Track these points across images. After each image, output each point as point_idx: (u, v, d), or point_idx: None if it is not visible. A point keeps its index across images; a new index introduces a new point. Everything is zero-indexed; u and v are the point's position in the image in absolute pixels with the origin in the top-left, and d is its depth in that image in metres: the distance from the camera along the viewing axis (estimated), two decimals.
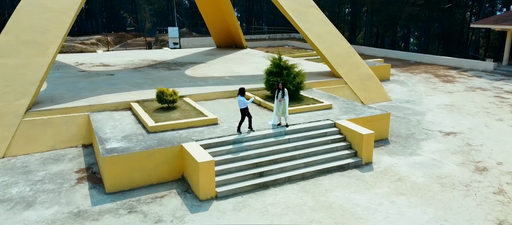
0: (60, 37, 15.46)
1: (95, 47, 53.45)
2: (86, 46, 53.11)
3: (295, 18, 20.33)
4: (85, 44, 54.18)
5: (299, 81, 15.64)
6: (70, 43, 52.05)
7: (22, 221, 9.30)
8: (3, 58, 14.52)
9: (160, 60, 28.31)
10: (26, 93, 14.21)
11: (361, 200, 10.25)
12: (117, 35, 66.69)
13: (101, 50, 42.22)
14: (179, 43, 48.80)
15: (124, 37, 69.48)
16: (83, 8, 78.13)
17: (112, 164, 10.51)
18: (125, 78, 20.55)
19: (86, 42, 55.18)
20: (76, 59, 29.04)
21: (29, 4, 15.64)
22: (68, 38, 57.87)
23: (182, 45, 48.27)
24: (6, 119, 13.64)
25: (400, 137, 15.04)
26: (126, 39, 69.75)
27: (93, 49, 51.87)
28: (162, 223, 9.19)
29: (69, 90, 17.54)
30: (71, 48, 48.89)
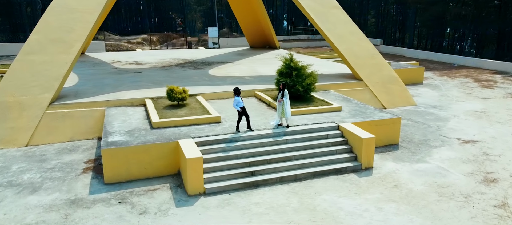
0: (84, 35, 16.50)
1: (140, 46, 56.07)
2: (132, 45, 55.83)
3: (315, 18, 20.12)
4: (131, 43, 56.98)
5: (309, 82, 15.50)
6: (118, 42, 54.99)
7: (24, 204, 10.13)
8: (32, 55, 15.79)
9: (190, 59, 29.17)
10: (50, 88, 15.35)
11: (348, 204, 10.03)
12: (163, 35, 69.35)
13: (140, 49, 44.04)
14: (218, 43, 49.88)
15: (170, 36, 72.09)
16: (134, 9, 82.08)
17: (110, 156, 11.13)
18: (150, 76, 21.46)
19: (132, 41, 58.01)
20: (114, 57, 30.67)
21: (58, 5, 16.86)
22: (117, 38, 61.24)
23: (221, 45, 49.28)
24: (31, 111, 14.84)
25: (412, 143, 14.43)
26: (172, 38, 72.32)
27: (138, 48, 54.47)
28: (146, 215, 9.61)
29: (95, 86, 18.67)
30: (118, 47, 51.64)
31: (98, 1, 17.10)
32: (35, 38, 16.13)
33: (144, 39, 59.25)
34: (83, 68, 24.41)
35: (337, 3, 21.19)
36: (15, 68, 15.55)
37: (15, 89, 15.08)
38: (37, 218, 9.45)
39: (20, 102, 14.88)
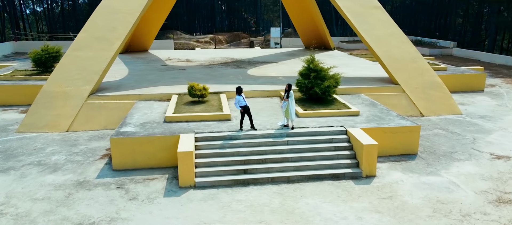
0: (124, 34, 18.02)
1: (207, 45, 58.64)
2: (200, 43, 58.66)
3: (352, 19, 19.49)
4: (199, 42, 59.89)
5: (327, 84, 15.17)
6: (187, 41, 58.20)
7: (40, 182, 11.54)
8: (78, 51, 17.69)
9: (239, 58, 29.95)
10: (90, 80, 17.08)
11: (328, 211, 9.77)
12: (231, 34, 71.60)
13: (200, 47, 46.01)
14: (280, 43, 50.23)
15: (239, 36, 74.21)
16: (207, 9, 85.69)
17: (118, 145, 12.15)
18: (191, 73, 22.59)
19: (200, 40, 60.93)
20: (172, 54, 32.66)
21: (104, 6, 18.62)
22: (187, 37, 64.77)
23: (283, 45, 49.57)
24: (73, 100, 16.66)
25: (433, 155, 13.41)
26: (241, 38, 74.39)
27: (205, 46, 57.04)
28: (134, 201, 10.37)
29: (137, 81, 20.25)
30: (186, 45, 54.66)
31: (139, 3, 18.51)
32: (83, 36, 18.03)
33: (212, 38, 61.79)
34: (137, 64, 26.47)
35: (378, 3, 20.27)
36: (64, 62, 17.56)
37: (62, 81, 17.05)
38: (45, 194, 10.74)
39: (65, 92, 16.79)
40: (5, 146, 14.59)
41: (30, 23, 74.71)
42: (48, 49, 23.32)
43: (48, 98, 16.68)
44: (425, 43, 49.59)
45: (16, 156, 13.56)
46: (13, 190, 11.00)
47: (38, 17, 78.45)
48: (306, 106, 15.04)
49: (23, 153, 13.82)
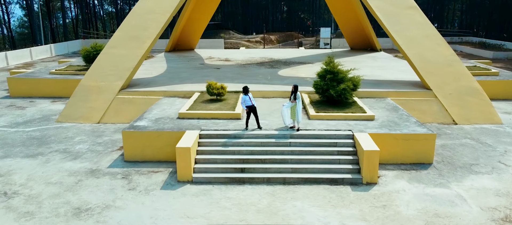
0: (156, 33, 18.97)
1: (257, 44, 59.28)
2: (250, 43, 59.48)
3: (383, 19, 18.71)
4: (250, 41, 60.73)
5: (343, 87, 14.77)
6: (238, 41, 59.34)
7: (60, 167, 12.64)
8: (113, 48, 18.97)
9: (278, 58, 30.02)
10: (122, 76, 18.24)
11: (313, 215, 9.61)
12: (284, 34, 71.65)
13: (245, 47, 46.54)
14: (329, 44, 49.41)
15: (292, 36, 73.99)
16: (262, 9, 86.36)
17: (129, 138, 12.91)
18: (224, 72, 23.13)
19: (251, 40, 61.74)
20: (212, 53, 33.60)
21: (139, 7, 19.74)
22: (239, 36, 65.93)
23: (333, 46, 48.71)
24: (105, 95, 17.91)
25: (450, 165, 12.53)
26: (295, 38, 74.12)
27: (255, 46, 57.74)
28: (132, 191, 10.98)
29: (169, 78, 21.21)
30: (235, 44, 55.75)
31: (171, 4, 19.37)
32: (118, 34, 19.29)
33: (262, 38, 62.34)
34: (178, 62, 27.64)
35: (414, 4, 19.23)
36: (100, 59, 18.94)
37: (97, 76, 18.40)
38: (58, 179, 11.75)
39: (99, 87, 18.11)
40: (42, 134, 16.12)
41: (104, 23, 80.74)
42: (96, 47, 25.20)
43: (84, 91, 18.10)
44: (489, 46, 45.92)
45: (47, 143, 14.94)
46: (34, 174, 12.18)
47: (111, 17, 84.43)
48: (320, 108, 14.79)
49: (54, 141, 15.18)
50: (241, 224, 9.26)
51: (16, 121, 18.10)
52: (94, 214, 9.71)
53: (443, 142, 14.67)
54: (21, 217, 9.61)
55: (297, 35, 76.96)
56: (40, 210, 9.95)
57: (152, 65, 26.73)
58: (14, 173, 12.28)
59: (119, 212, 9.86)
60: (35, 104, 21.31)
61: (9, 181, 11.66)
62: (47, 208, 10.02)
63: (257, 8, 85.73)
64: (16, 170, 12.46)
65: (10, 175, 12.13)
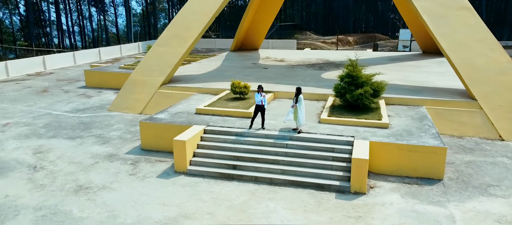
0: (197, 33, 20.12)
1: (332, 45, 58.07)
2: (325, 44, 58.61)
3: (428, 21, 17.27)
4: (325, 43, 59.87)
5: (360, 92, 14.12)
6: (311, 42, 58.91)
7: (87, 150, 14.35)
8: (160, 46, 20.62)
9: (333, 60, 29.34)
10: (164, 72, 19.76)
11: (281, 217, 9.59)
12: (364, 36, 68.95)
13: (310, 48, 45.83)
14: (409, 46, 46.48)
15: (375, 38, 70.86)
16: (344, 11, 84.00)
17: (145, 128, 14.12)
18: (267, 72, 23.50)
19: (327, 41, 60.81)
20: (270, 54, 34.03)
21: (187, 8, 21.10)
22: (315, 37, 65.24)
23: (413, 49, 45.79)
24: (149, 88, 19.61)
25: (463, 184, 11.30)
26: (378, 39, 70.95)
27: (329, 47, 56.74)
28: (132, 177, 12.07)
29: (213, 76, 22.29)
30: (309, 45, 55.44)
31: (214, 5, 20.35)
32: (165, 34, 20.89)
33: (340, 39, 60.87)
34: (232, 61, 28.73)
35: (467, 3, 17.37)
36: (148, 56, 20.74)
37: (144, 71, 20.22)
38: (80, 160, 13.41)
39: (144, 81, 19.89)
40: (91, 120, 18.32)
41: None
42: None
43: (132, 85, 20.04)
44: None
45: (90, 128, 16.98)
46: (64, 153, 14.06)
47: None
48: (335, 113, 14.37)
49: (96, 127, 17.19)
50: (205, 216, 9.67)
51: (78, 107, 20.77)
52: (89, 193, 10.96)
53: (471, 158, 13.19)
54: (34, 188, 11.29)
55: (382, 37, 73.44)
56: (52, 184, 11.55)
57: (209, 63, 28.22)
58: (51, 151, 14.31)
59: (111, 193, 10.97)
60: (101, 94, 24.10)
61: (43, 158, 13.65)
62: (58, 184, 11.58)
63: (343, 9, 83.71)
64: (54, 149, 14.49)
65: (47, 152, 14.17)
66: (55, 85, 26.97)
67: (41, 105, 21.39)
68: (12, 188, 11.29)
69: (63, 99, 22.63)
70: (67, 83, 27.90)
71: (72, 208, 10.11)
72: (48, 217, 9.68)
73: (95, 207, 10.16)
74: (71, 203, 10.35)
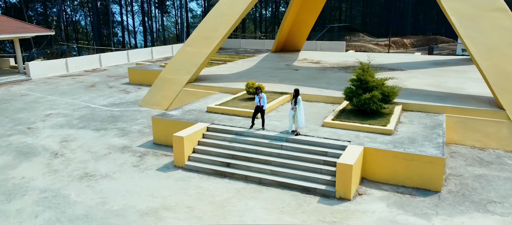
0: (223, 34, 20.70)
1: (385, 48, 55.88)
2: (378, 47, 56.57)
3: (457, 23, 16.18)
4: (378, 45, 57.78)
5: (367, 97, 13.69)
6: (362, 43, 57.18)
7: (106, 141, 15.51)
8: (188, 46, 21.52)
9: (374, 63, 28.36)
10: (190, 71, 20.62)
11: (254, 216, 9.75)
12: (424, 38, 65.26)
13: (353, 50, 44.37)
14: None
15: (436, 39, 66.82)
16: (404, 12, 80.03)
17: (156, 124, 14.96)
18: (296, 73, 23.47)
19: (380, 43, 58.63)
20: (308, 56, 33.70)
21: (216, 10, 21.77)
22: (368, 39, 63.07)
23: None
24: (175, 86, 20.59)
25: (462, 198, 10.59)
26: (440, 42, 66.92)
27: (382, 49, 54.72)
28: (134, 168, 12.87)
29: (240, 76, 22.78)
30: (359, 47, 53.89)
31: (241, 7, 20.79)
32: (194, 34, 21.76)
33: (394, 41, 58.33)
34: (266, 62, 29.01)
35: (503, 4, 16.01)
36: (177, 55, 21.75)
37: (172, 70, 21.25)
38: (96, 150, 14.56)
39: (172, 79, 20.91)
40: (121, 114, 19.68)
41: (244, 23, 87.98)
42: None
43: (161, 82, 21.17)
44: None
45: (117, 121, 18.27)
46: (85, 143, 15.34)
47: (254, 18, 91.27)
48: (342, 117, 14.10)
49: (123, 120, 18.44)
50: (185, 209, 10.10)
51: (115, 102, 22.37)
52: (92, 180, 11.94)
53: (484, 172, 12.24)
54: (48, 172, 12.53)
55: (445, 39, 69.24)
56: (63, 170, 12.73)
57: (243, 63, 28.78)
58: (75, 140, 15.68)
59: (110, 182, 11.85)
60: (139, 90, 25.66)
61: (67, 146, 15.03)
62: (69, 170, 12.73)
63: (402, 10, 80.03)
64: (78, 139, 15.87)
65: (71, 141, 15.56)
66: (103, 81, 29.18)
67: (84, 98, 23.35)
68: (29, 171, 12.63)
69: (104, 94, 24.47)
70: (114, 79, 30.04)
71: (71, 192, 11.10)
72: (48, 199, 10.74)
73: (91, 193, 11.06)
74: (72, 188, 11.36)
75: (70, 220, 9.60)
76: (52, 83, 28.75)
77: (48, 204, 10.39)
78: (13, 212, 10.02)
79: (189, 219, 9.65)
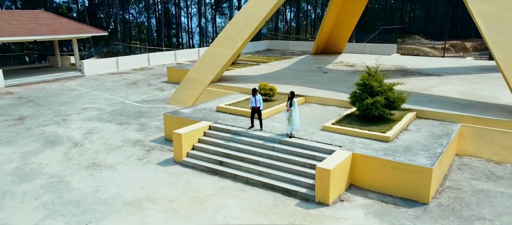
0: (247, 35, 21.09)
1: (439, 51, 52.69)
2: (435, 50, 53.55)
3: (483, 27, 15.06)
4: (434, 48, 54.68)
5: (370, 102, 13.29)
6: (417, 47, 54.38)
7: (123, 135, 16.64)
8: (214, 47, 22.23)
9: (409, 68, 27.14)
10: (213, 72, 21.31)
11: (227, 213, 10.03)
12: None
13: (398, 54, 42.23)
14: None
15: None
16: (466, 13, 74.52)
17: (167, 120, 15.78)
18: (322, 76, 23.19)
19: (436, 46, 55.36)
20: (344, 59, 32.92)
21: (242, 12, 22.24)
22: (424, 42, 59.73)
23: None
24: (199, 85, 21.41)
25: (450, 212, 9.98)
26: None
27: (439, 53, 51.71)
28: (138, 160, 13.72)
29: (265, 77, 23.04)
30: (411, 50, 51.38)
31: (265, 9, 21.03)
32: (221, 36, 22.42)
33: (454, 45, 54.78)
34: (300, 65, 28.93)
35: None
36: (204, 55, 22.55)
37: (198, 69, 22.10)
38: (112, 142, 15.70)
39: (197, 79, 21.77)
40: (148, 110, 20.90)
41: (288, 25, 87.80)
42: None
43: (188, 81, 22.12)
44: None
45: (141, 117, 19.46)
46: (105, 136, 16.58)
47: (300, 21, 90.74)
48: (345, 122, 13.83)
49: (147, 116, 19.59)
50: (166, 202, 10.66)
51: (147, 99, 23.76)
52: (96, 169, 12.97)
53: (489, 187, 11.37)
54: (62, 160, 13.82)
55: None
56: (77, 159, 13.95)
57: (276, 65, 28.97)
58: (98, 132, 17.02)
59: (111, 172, 12.79)
60: (173, 89, 26.86)
61: (88, 137, 16.38)
62: (81, 159, 13.92)
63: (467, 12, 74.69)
64: (101, 131, 17.20)
65: (94, 133, 16.91)
66: (145, 79, 31.01)
67: (122, 94, 25.06)
68: (48, 158, 14.02)
69: (141, 91, 26.04)
70: (156, 77, 31.78)
71: (74, 179, 12.18)
72: (53, 184, 11.89)
73: (91, 181, 12.05)
74: (76, 176, 12.45)
75: (63, 204, 10.59)
76: (100, 79, 31.14)
77: (50, 188, 11.52)
78: (20, 193, 11.26)
79: (166, 211, 10.18)
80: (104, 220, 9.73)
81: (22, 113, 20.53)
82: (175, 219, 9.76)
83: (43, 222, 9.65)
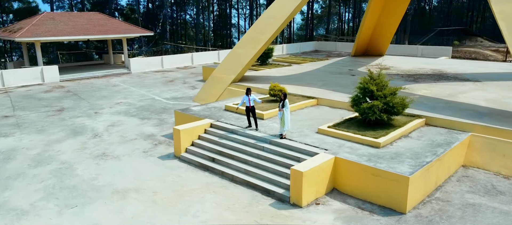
0: (270, 36, 21.29)
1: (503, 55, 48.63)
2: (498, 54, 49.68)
3: (505, 29, 13.96)
4: (498, 52, 50.69)
5: (367, 106, 12.92)
6: (477, 49, 50.65)
7: (140, 129, 17.73)
8: (238, 48, 22.74)
9: (449, 72, 25.53)
10: (235, 71, 21.84)
11: (200, 208, 10.44)
12: None
13: (445, 57, 39.45)
14: None
15: None
16: None
17: (177, 117, 16.59)
18: (347, 79, 22.71)
19: (500, 49, 51.15)
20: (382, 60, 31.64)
21: (267, 13, 22.46)
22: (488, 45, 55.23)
23: None
24: (222, 84, 22.05)
25: (427, 224, 9.52)
26: None
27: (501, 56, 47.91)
28: (143, 153, 14.62)
29: (288, 78, 23.11)
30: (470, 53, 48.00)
31: (288, 10, 21.10)
32: (245, 36, 22.87)
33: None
34: (331, 67, 28.50)
35: None
36: (228, 56, 23.15)
37: (222, 69, 22.76)
38: (128, 135, 16.83)
39: (220, 78, 22.44)
40: (173, 106, 21.94)
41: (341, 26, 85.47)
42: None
43: (212, 80, 22.88)
44: None
45: (163, 113, 20.55)
46: (124, 129, 17.79)
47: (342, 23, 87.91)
48: (342, 125, 13.59)
49: (169, 112, 20.63)
50: (150, 193, 11.33)
51: (176, 96, 24.94)
52: (103, 159, 14.06)
53: (482, 202, 10.61)
54: (78, 149, 15.14)
55: None
56: (91, 148, 15.21)
57: (308, 66, 28.80)
58: (118, 125, 18.32)
59: (115, 162, 13.80)
60: None
61: (109, 129, 17.70)
62: (94, 149, 15.15)
63: None
64: (121, 124, 18.48)
65: (116, 126, 18.22)
66: (183, 77, 32.46)
67: (156, 91, 26.53)
68: (66, 146, 15.43)
69: (174, 88, 27.35)
70: (194, 76, 33.12)
71: (80, 167, 13.34)
72: (61, 169, 13.13)
73: (94, 170, 13.12)
74: (83, 163, 13.62)
75: (61, 188, 11.70)
76: (143, 77, 33.13)
77: (56, 174, 12.75)
78: (31, 176, 12.61)
79: (146, 201, 10.84)
80: (89, 205, 10.63)
81: (63, 105, 22.61)
82: (151, 210, 10.38)
83: (37, 203, 10.78)
